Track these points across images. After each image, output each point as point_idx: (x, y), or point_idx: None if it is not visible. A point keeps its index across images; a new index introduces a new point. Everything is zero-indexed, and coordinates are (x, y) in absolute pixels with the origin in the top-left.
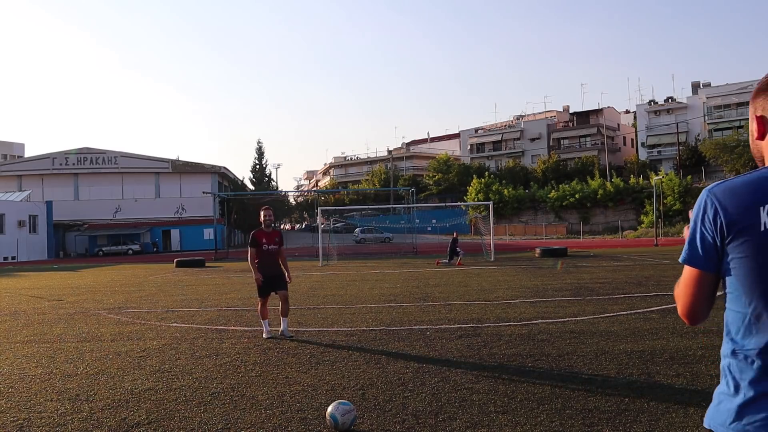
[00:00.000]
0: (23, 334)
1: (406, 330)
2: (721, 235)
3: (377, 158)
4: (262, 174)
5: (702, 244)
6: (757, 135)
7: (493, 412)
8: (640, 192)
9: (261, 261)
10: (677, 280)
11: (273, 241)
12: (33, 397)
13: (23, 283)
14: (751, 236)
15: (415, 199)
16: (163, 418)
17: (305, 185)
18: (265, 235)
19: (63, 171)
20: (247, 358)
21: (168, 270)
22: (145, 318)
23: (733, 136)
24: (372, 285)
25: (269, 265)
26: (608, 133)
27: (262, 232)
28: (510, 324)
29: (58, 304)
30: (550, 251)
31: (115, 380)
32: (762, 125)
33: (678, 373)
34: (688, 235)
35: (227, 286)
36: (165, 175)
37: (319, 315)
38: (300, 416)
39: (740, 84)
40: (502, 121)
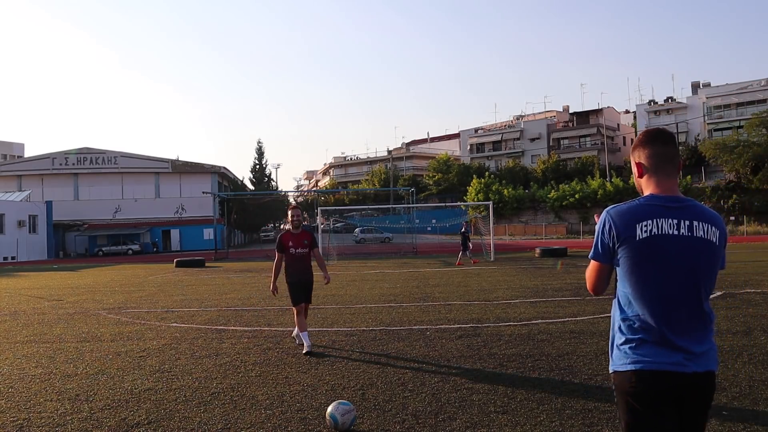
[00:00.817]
0: (23, 334)
1: (406, 330)
2: (613, 241)
3: (377, 158)
4: (262, 174)
5: (602, 246)
6: (637, 175)
7: (493, 412)
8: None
9: (289, 267)
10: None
11: (301, 244)
12: (33, 397)
13: (23, 283)
14: (631, 243)
15: (415, 199)
16: (163, 418)
17: (305, 185)
18: (293, 238)
19: (63, 171)
20: (247, 358)
21: (168, 270)
22: (145, 318)
23: (732, 136)
24: (372, 285)
25: (299, 271)
26: (608, 133)
27: (288, 235)
28: (510, 324)
29: (58, 304)
30: (550, 251)
31: (115, 380)
32: (640, 169)
33: None
34: (594, 240)
35: (227, 286)
36: (165, 175)
37: (319, 315)
38: (300, 416)
39: (740, 84)
40: (502, 121)
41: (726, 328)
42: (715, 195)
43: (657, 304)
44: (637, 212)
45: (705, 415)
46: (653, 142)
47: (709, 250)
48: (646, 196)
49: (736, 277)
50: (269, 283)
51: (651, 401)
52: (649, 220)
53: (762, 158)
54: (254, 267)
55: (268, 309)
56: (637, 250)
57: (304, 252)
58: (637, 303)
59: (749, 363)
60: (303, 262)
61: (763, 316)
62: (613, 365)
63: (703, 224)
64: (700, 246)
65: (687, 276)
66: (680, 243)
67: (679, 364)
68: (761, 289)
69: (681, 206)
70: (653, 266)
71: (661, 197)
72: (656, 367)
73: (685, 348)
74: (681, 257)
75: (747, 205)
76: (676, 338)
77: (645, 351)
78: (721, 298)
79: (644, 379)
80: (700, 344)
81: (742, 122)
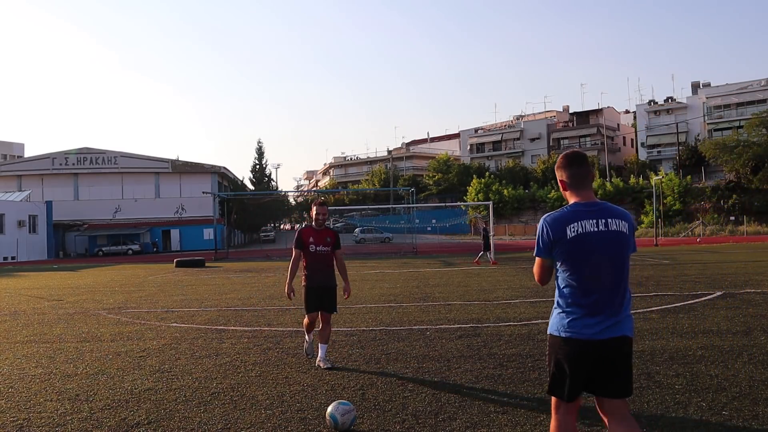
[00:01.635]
0: (23, 334)
1: (406, 330)
2: (551, 241)
3: (377, 158)
4: (262, 174)
5: (543, 246)
6: (562, 188)
7: (493, 412)
8: (640, 192)
9: (309, 266)
10: (533, 267)
11: (323, 241)
12: (33, 397)
13: (23, 283)
14: (563, 241)
15: (414, 199)
16: (163, 418)
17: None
18: (314, 234)
19: (63, 171)
20: (247, 358)
21: (168, 270)
22: (145, 318)
23: (732, 136)
24: (372, 285)
25: (319, 272)
26: (608, 133)
27: (309, 230)
28: (510, 324)
29: (58, 304)
30: None
31: (115, 380)
32: (564, 184)
33: (678, 373)
34: (536, 241)
35: (227, 286)
36: (165, 175)
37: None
38: (300, 416)
39: (740, 84)
40: (502, 121)
41: (726, 328)
42: (715, 195)
43: (586, 286)
44: (566, 218)
45: (628, 369)
46: (571, 165)
47: (622, 239)
48: (572, 204)
49: (736, 277)
50: (270, 284)
51: (574, 361)
52: (575, 222)
53: (762, 158)
54: (254, 267)
55: (268, 309)
56: (569, 246)
57: (325, 251)
58: (571, 285)
59: (749, 363)
60: (324, 262)
61: (763, 316)
62: (550, 329)
63: (615, 220)
64: (614, 237)
65: (607, 262)
66: (600, 237)
67: (599, 333)
68: (761, 289)
69: (598, 209)
70: (581, 257)
71: (582, 204)
72: (581, 337)
73: (605, 320)
74: (602, 248)
75: (747, 205)
76: (598, 312)
77: (574, 323)
78: (721, 298)
79: (571, 344)
80: (617, 316)
81: (742, 122)
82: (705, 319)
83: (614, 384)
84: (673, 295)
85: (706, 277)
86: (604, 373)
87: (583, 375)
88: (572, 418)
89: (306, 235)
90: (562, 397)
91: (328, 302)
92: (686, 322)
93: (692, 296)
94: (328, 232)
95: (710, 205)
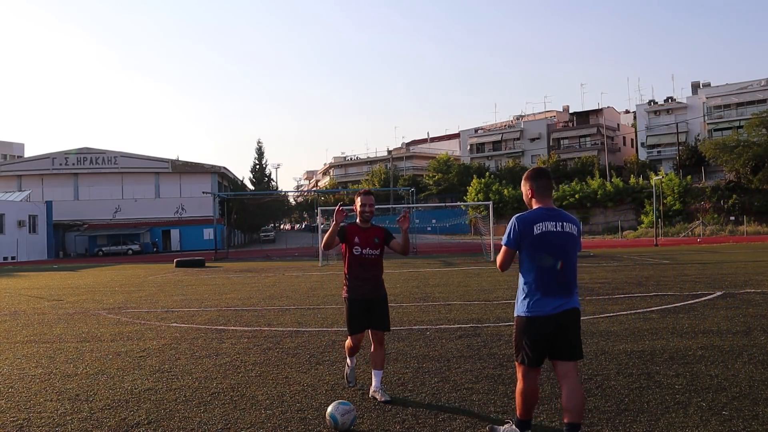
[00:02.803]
0: (23, 334)
1: (406, 330)
2: (520, 236)
3: (377, 158)
4: (262, 174)
5: (513, 238)
6: (529, 196)
7: (493, 412)
8: (640, 192)
9: (352, 273)
10: (496, 256)
11: (371, 243)
12: (33, 397)
13: (23, 283)
14: (530, 237)
15: (414, 199)
16: (163, 418)
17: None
18: (360, 233)
19: (63, 171)
20: (247, 358)
21: (168, 270)
22: (145, 318)
23: (732, 136)
24: None
25: (365, 281)
26: (608, 133)
27: (354, 227)
28: (510, 324)
29: (58, 304)
30: None
31: (115, 380)
32: (531, 193)
33: (678, 373)
34: (506, 234)
35: (227, 286)
36: (165, 175)
37: (319, 315)
38: (300, 416)
39: (740, 84)
40: (502, 121)
41: (726, 328)
42: (715, 195)
43: (544, 273)
44: (534, 218)
45: (578, 334)
46: (537, 178)
47: (572, 239)
48: (537, 208)
49: (736, 277)
50: (270, 283)
51: (536, 334)
52: (541, 222)
53: (762, 158)
54: (254, 267)
55: (268, 309)
56: (534, 240)
57: (374, 255)
58: (533, 273)
59: (749, 363)
60: (372, 269)
61: (763, 316)
62: (516, 312)
63: (567, 223)
64: (567, 237)
65: (562, 255)
66: (558, 235)
67: (556, 308)
68: (761, 289)
69: (556, 213)
70: (543, 250)
71: (545, 209)
72: (541, 314)
73: (559, 299)
74: (558, 244)
75: (747, 205)
76: (555, 293)
77: (535, 304)
78: (721, 298)
79: (533, 321)
80: (570, 295)
81: (742, 122)
82: (705, 319)
83: (569, 348)
84: (673, 295)
85: (706, 277)
86: (561, 341)
87: (544, 344)
88: (535, 380)
89: (351, 232)
90: (529, 364)
91: (379, 318)
92: (686, 322)
93: (692, 296)
94: (376, 231)
95: (710, 205)
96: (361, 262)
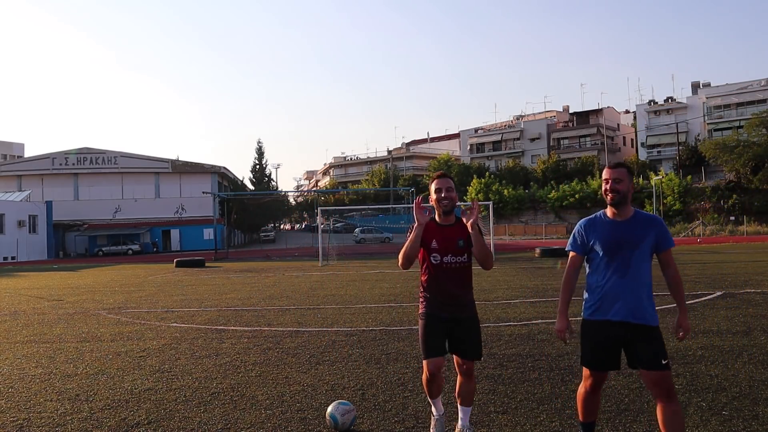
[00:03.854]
0: (23, 334)
1: (406, 330)
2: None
3: (377, 158)
4: (262, 174)
5: (580, 243)
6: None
7: (493, 412)
8: (640, 192)
9: (431, 284)
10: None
11: (453, 247)
12: (33, 397)
13: (23, 283)
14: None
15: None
16: (163, 418)
17: (305, 185)
18: (439, 233)
19: (63, 171)
20: (247, 358)
21: (168, 270)
22: (145, 318)
23: (732, 136)
24: (372, 285)
25: (447, 296)
26: (608, 133)
27: (432, 226)
28: (510, 324)
29: (58, 304)
30: (550, 251)
31: (115, 380)
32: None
33: (678, 373)
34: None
35: (227, 286)
36: (165, 175)
37: (319, 315)
38: (300, 416)
39: (740, 84)
40: (502, 121)
41: (726, 328)
42: (715, 195)
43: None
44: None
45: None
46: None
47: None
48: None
49: (736, 277)
50: (270, 283)
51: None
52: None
53: (762, 158)
54: (254, 267)
55: (268, 309)
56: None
57: (460, 263)
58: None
59: (749, 363)
60: (456, 280)
61: (763, 316)
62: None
63: None
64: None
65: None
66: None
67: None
68: (761, 289)
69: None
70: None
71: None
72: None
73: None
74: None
75: (747, 205)
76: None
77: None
78: (721, 298)
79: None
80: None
81: (742, 122)
82: (705, 319)
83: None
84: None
85: (706, 277)
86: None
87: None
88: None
89: (429, 234)
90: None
91: (466, 343)
92: None
93: (692, 296)
94: (461, 229)
95: (710, 205)
96: (442, 273)
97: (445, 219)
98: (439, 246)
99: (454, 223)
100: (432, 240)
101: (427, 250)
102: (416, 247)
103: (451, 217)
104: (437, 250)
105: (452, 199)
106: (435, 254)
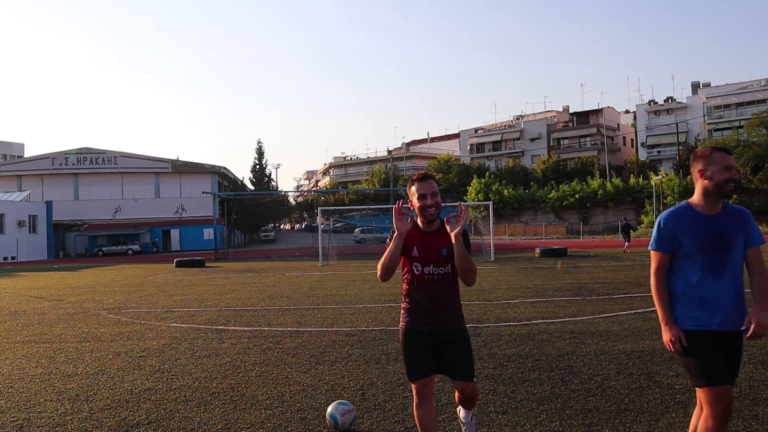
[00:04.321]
0: (23, 334)
1: None
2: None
3: (377, 158)
4: (262, 174)
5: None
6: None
7: (493, 412)
8: (640, 192)
9: (413, 297)
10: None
11: (435, 256)
12: (33, 397)
13: (23, 283)
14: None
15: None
16: (163, 418)
17: (305, 185)
18: (420, 240)
19: (63, 171)
20: (247, 358)
21: (168, 270)
22: (145, 318)
23: (732, 136)
24: (372, 285)
25: (430, 308)
26: (608, 133)
27: (413, 233)
28: (510, 324)
29: (58, 304)
30: (550, 251)
31: (115, 380)
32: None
33: (678, 373)
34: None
35: (227, 286)
36: (165, 175)
37: (319, 315)
38: (300, 416)
39: (740, 84)
40: (502, 121)
41: None
42: None
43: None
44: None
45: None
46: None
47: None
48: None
49: None
50: (270, 283)
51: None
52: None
53: (762, 158)
54: (254, 267)
55: (268, 309)
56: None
57: (442, 274)
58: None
59: (749, 363)
60: (440, 292)
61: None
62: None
63: None
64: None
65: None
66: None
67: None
68: None
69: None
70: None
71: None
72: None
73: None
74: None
75: (747, 205)
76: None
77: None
78: None
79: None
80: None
81: (742, 122)
82: None
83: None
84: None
85: None
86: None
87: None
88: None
89: (410, 242)
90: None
91: (456, 361)
92: None
93: None
94: (446, 237)
95: None
96: (423, 284)
97: (428, 225)
98: (420, 255)
99: (437, 229)
100: (413, 247)
101: (408, 258)
102: (396, 258)
103: (436, 223)
104: (418, 259)
105: (438, 205)
106: (416, 263)
